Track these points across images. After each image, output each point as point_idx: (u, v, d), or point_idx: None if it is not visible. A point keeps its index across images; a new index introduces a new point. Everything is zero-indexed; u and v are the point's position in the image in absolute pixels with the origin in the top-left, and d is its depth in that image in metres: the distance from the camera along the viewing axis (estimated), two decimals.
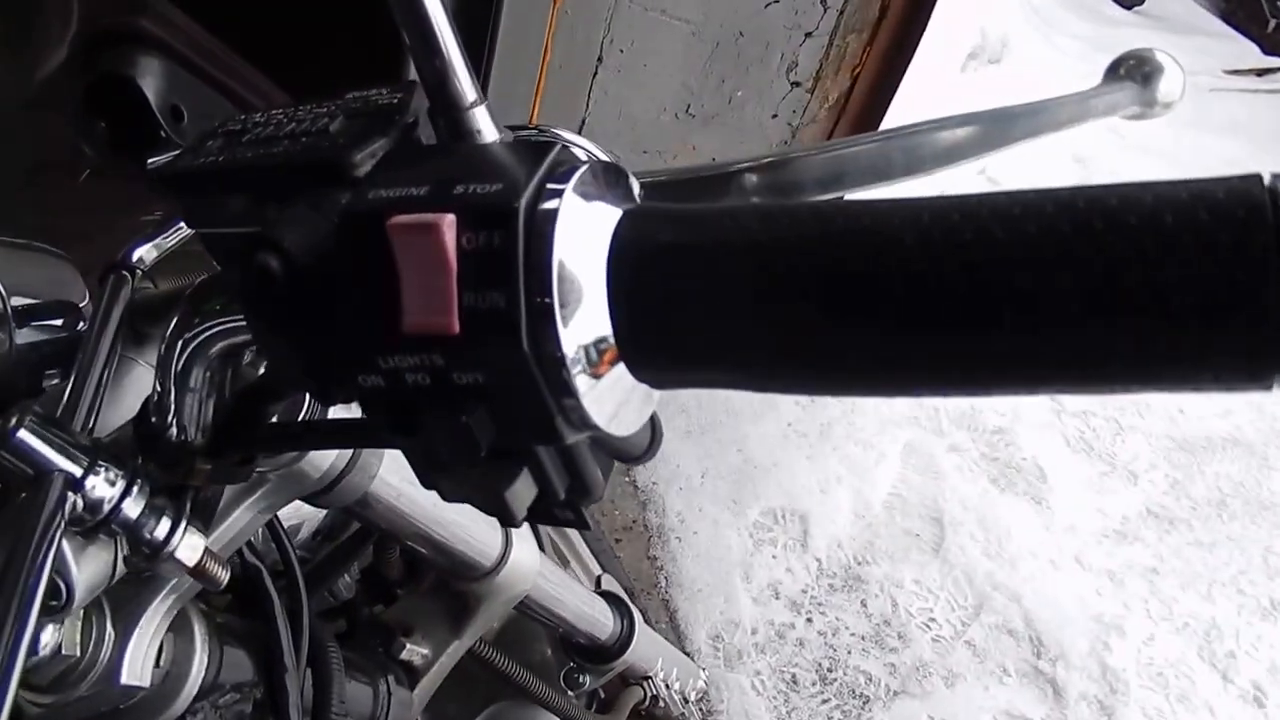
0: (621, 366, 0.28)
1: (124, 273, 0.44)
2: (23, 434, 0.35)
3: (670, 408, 2.33)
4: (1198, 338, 0.22)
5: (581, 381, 0.27)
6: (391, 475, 0.56)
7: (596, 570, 1.40)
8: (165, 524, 0.39)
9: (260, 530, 0.60)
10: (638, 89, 2.10)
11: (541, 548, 0.88)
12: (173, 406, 0.38)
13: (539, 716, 1.02)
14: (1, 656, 0.31)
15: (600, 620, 0.97)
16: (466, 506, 0.64)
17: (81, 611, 0.45)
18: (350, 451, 0.50)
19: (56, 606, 0.39)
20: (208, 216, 0.35)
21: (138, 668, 0.46)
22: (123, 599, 0.46)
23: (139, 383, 0.46)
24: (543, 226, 0.27)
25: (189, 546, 0.40)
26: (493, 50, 1.85)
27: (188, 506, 0.40)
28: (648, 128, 2.21)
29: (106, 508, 0.37)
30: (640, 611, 1.17)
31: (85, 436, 0.38)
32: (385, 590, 0.76)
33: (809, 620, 2.05)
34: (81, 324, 0.50)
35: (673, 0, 1.98)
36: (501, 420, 0.28)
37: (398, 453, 0.55)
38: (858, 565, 2.19)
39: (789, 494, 2.23)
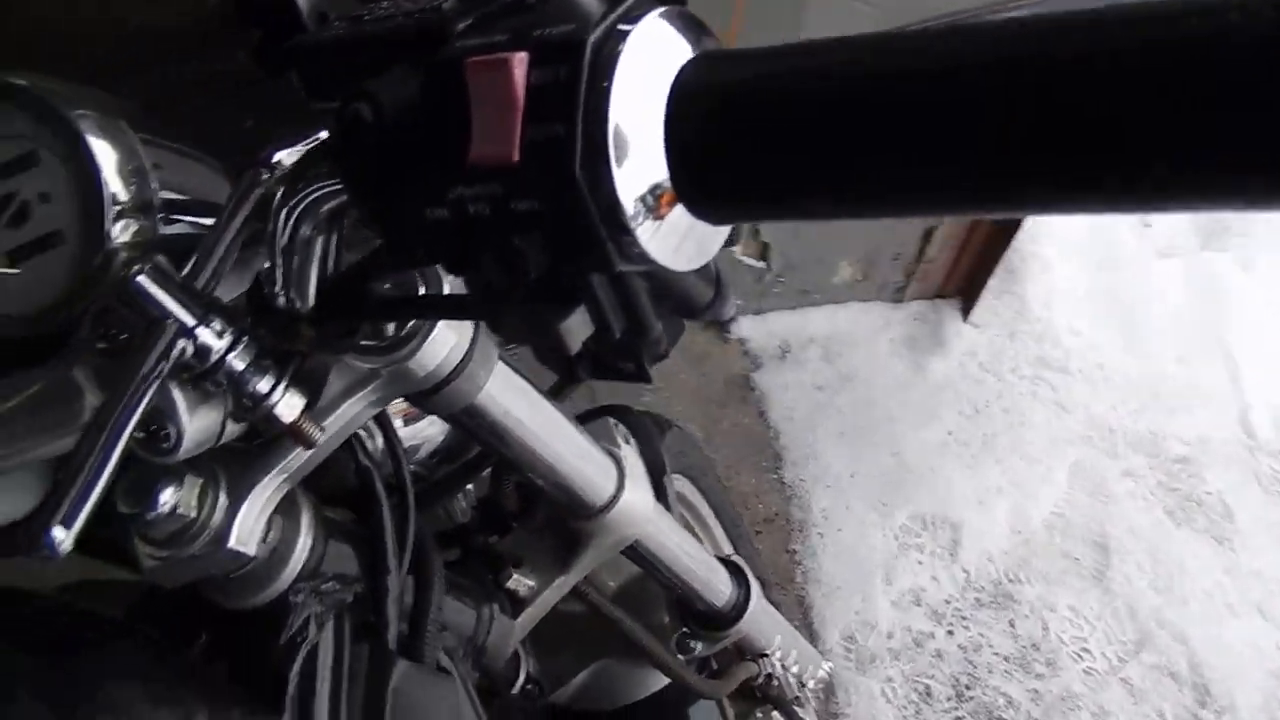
0: (679, 206, 0.29)
1: (259, 170, 0.46)
2: (142, 279, 0.38)
3: (826, 409, 2.29)
4: None
5: (631, 206, 0.27)
6: (500, 393, 0.57)
7: (729, 551, 1.39)
8: (268, 381, 0.41)
9: (377, 442, 0.63)
10: None
11: (668, 508, 0.88)
12: (282, 274, 0.40)
13: (648, 674, 1.02)
14: (87, 474, 0.34)
15: (717, 586, 0.96)
16: (578, 440, 0.64)
17: (200, 481, 0.48)
18: (459, 359, 0.51)
19: (167, 448, 0.41)
20: (324, 89, 0.37)
21: (245, 535, 0.49)
22: (237, 472, 0.49)
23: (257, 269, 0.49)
24: (607, 62, 0.27)
25: (288, 405, 0.42)
26: None
27: (291, 370, 0.42)
28: None
29: (213, 358, 0.39)
30: (761, 583, 1.15)
31: (202, 295, 0.41)
32: (500, 522, 0.78)
33: (950, 632, 1.97)
34: None
35: None
36: (555, 247, 0.28)
37: (507, 372, 0.57)
38: (1009, 583, 2.09)
39: (942, 501, 2.14)
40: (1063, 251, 2.62)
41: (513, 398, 0.58)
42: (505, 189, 0.28)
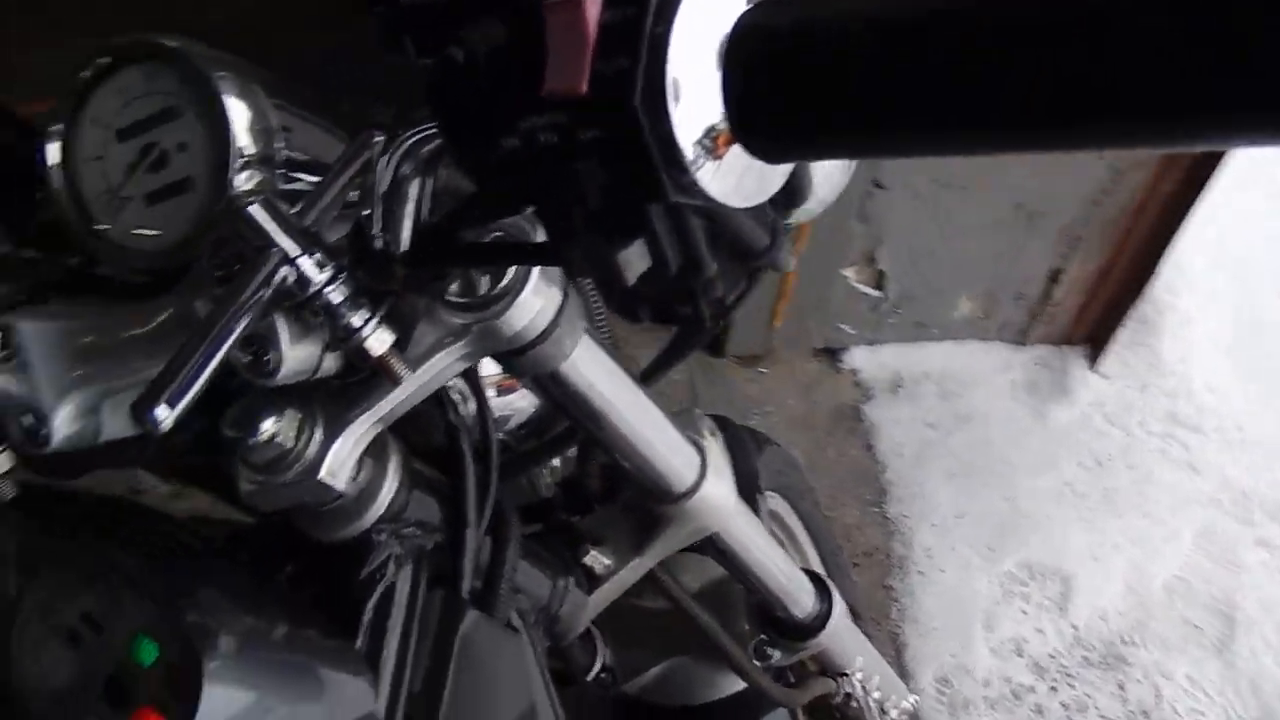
0: (735, 146, 0.30)
1: (372, 131, 0.49)
2: (254, 209, 0.41)
3: (937, 447, 2.24)
4: None
5: (685, 137, 0.29)
6: (584, 364, 0.59)
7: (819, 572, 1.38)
8: (362, 316, 0.44)
9: (469, 408, 0.66)
10: None
11: (758, 516, 0.89)
12: (381, 217, 0.44)
13: (723, 675, 1.03)
14: (191, 368, 0.38)
15: (799, 596, 0.96)
16: (663, 424, 0.65)
17: (299, 415, 0.52)
18: (545, 324, 0.54)
19: (268, 372, 0.45)
20: (430, 47, 0.40)
21: (336, 469, 0.52)
22: (333, 410, 0.53)
23: None
24: (670, 3, 0.29)
25: (378, 339, 0.45)
26: None
27: (384, 309, 0.45)
28: None
29: (312, 288, 0.43)
30: (853, 613, 1.14)
31: (307, 231, 0.44)
32: (583, 502, 0.80)
33: (1053, 689, 1.89)
34: None
35: None
36: (614, 174, 0.30)
37: (594, 347, 0.59)
38: (1122, 644, 1.99)
39: (1054, 552, 2.07)
40: (1202, 305, 2.50)
41: (597, 371, 0.60)
42: (572, 119, 0.30)
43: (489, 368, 0.72)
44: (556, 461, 0.83)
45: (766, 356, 2.39)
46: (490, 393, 0.72)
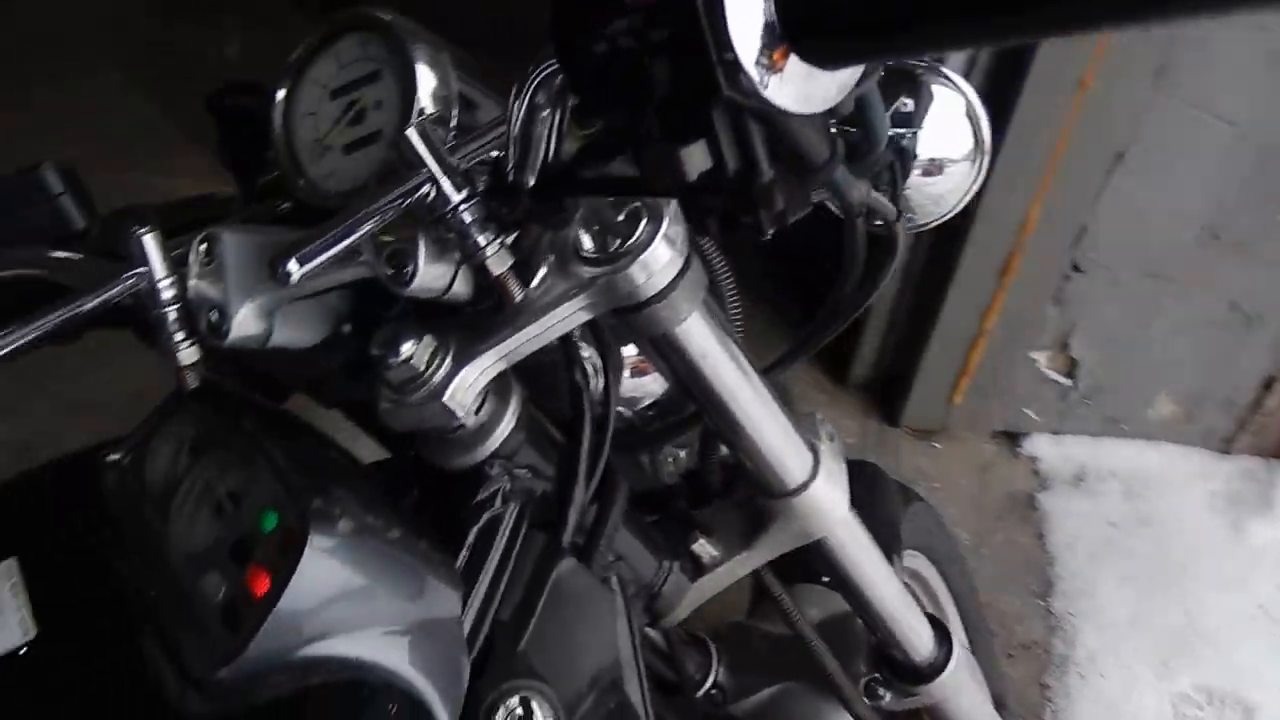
0: (794, 58, 0.34)
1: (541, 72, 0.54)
2: (412, 131, 0.48)
3: (1115, 548, 2.11)
4: None
5: (740, 37, 0.33)
6: (699, 333, 0.63)
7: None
8: (487, 237, 0.50)
9: (597, 385, 0.70)
10: (1157, 196, 1.96)
11: (890, 560, 0.89)
12: (515, 151, 0.50)
13: (831, 708, 1.02)
14: (327, 240, 0.44)
15: (916, 636, 0.94)
16: (776, 414, 0.68)
17: (435, 343, 0.59)
18: (664, 284, 0.58)
19: (404, 280, 0.52)
20: None
21: (459, 398, 0.58)
22: (464, 343, 0.59)
23: None
24: None
25: (499, 259, 0.51)
26: (1004, 132, 1.86)
27: (509, 236, 0.51)
28: (1161, 245, 2.05)
29: (449, 206, 0.49)
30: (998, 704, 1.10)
31: (452, 158, 0.51)
32: (703, 495, 0.83)
33: None
34: None
35: (1221, 96, 1.82)
36: (678, 70, 0.34)
37: (711, 322, 0.63)
38: None
39: (1236, 677, 1.89)
40: None
41: (711, 345, 0.64)
42: (646, 21, 0.35)
43: (626, 350, 0.78)
44: (682, 454, 0.86)
45: (942, 432, 2.34)
46: (625, 373, 0.77)
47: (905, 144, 0.65)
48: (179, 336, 0.58)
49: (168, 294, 0.57)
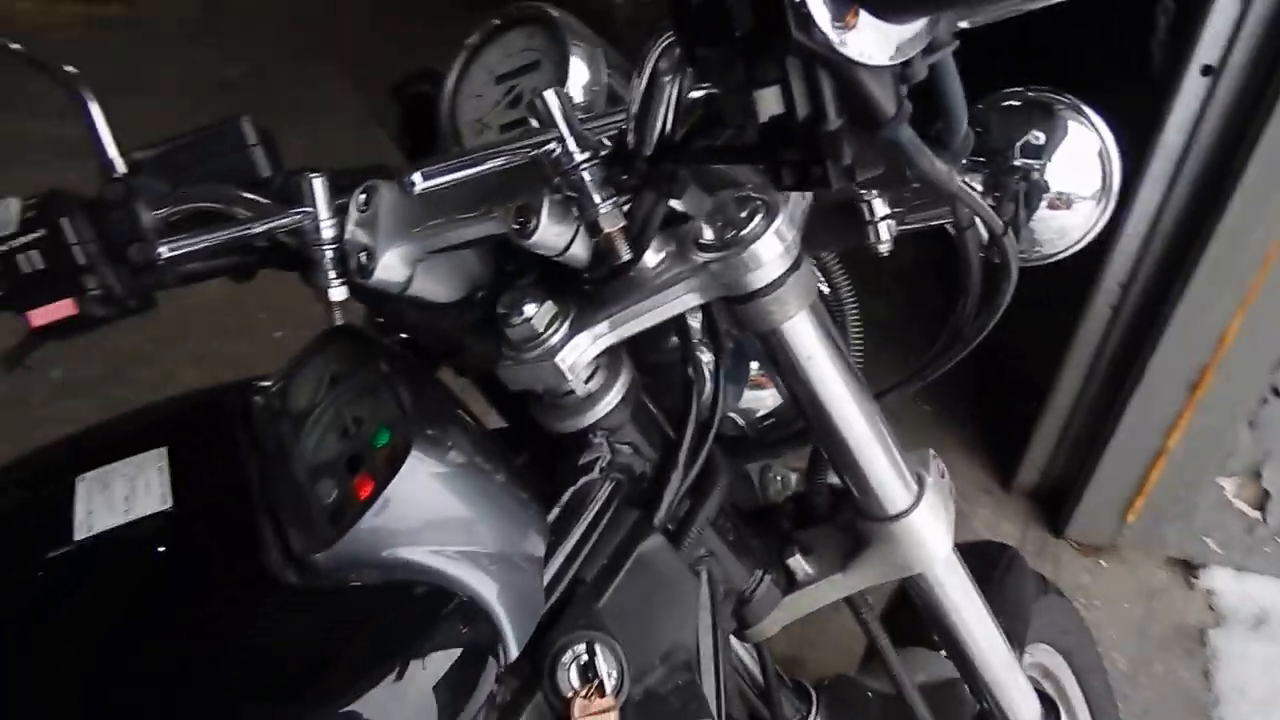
0: (864, 14, 0.37)
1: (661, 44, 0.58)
2: (549, 93, 0.54)
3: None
4: None
5: None
6: (806, 334, 0.64)
7: None
8: (603, 196, 0.55)
9: (705, 388, 0.72)
10: None
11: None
12: (635, 120, 0.54)
13: None
14: (450, 165, 0.50)
15: (1020, 703, 0.90)
16: (884, 436, 0.68)
17: (556, 309, 0.63)
18: (773, 277, 0.60)
19: (526, 233, 0.56)
20: None
21: (571, 361, 0.62)
22: (582, 312, 0.63)
23: None
24: None
25: (610, 217, 0.55)
26: (1213, 231, 1.77)
27: (624, 198, 0.55)
28: None
29: (571, 163, 0.54)
30: None
31: (578, 123, 0.55)
32: (808, 519, 0.83)
33: None
34: None
35: None
36: (757, 20, 0.38)
37: (820, 327, 0.64)
38: None
39: None
40: None
41: (818, 350, 0.65)
42: None
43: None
44: (793, 478, 0.87)
45: (1110, 550, 2.20)
46: (744, 386, 0.80)
47: (1034, 176, 0.66)
48: (332, 274, 0.65)
49: (327, 234, 0.64)
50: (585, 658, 0.59)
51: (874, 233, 0.65)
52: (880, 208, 0.65)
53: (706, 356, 0.72)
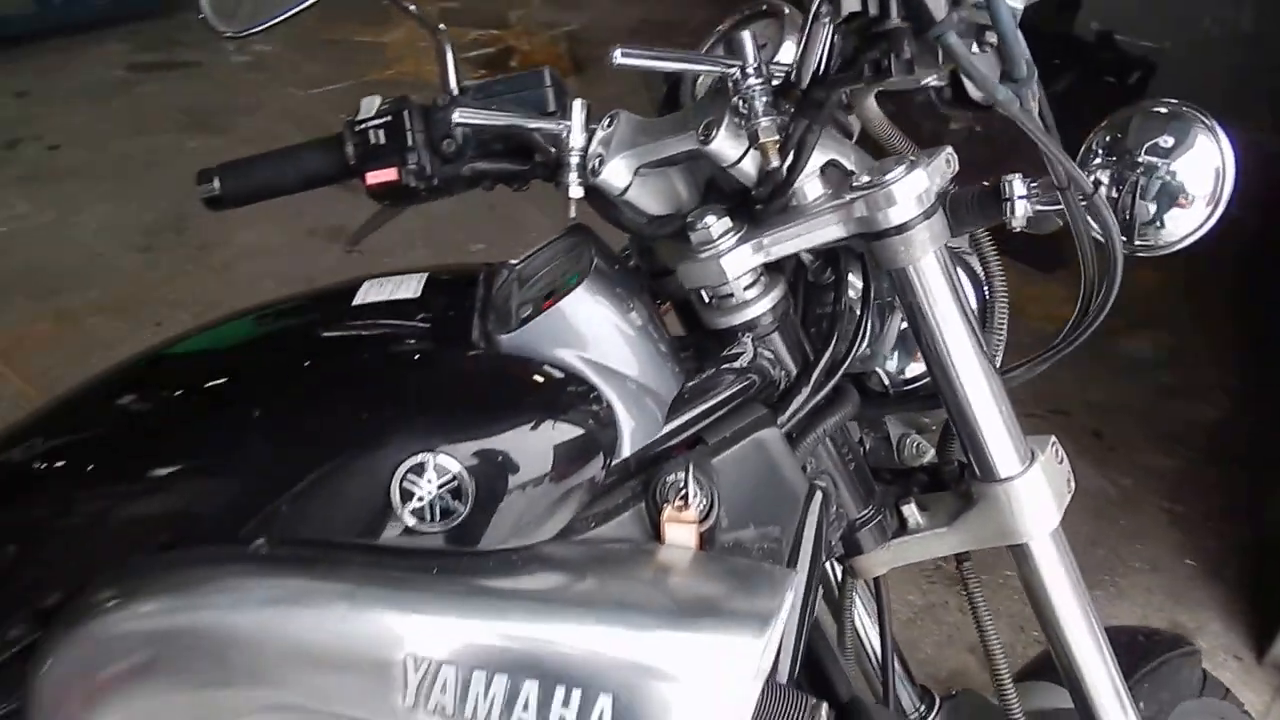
0: None
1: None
2: (745, 33, 0.71)
3: None
4: None
5: None
6: (933, 278, 0.76)
7: None
8: (765, 113, 0.71)
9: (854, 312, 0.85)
10: None
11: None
12: (798, 58, 0.70)
13: None
14: (645, 58, 0.68)
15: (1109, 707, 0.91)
16: (1002, 399, 0.78)
17: (732, 223, 0.79)
18: (906, 219, 0.73)
19: (705, 140, 0.73)
20: None
21: (734, 264, 0.78)
22: (750, 229, 0.78)
23: None
24: None
25: (767, 131, 0.71)
26: None
27: (783, 118, 0.71)
28: None
29: (745, 85, 0.71)
30: None
31: (761, 60, 0.72)
32: (936, 486, 0.92)
33: None
34: None
35: None
36: None
37: (945, 268, 0.76)
38: None
39: None
40: None
41: (944, 297, 0.76)
42: None
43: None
44: (930, 452, 0.95)
45: None
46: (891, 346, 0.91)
47: (1158, 174, 0.74)
48: (574, 176, 0.85)
49: (577, 142, 0.84)
50: (683, 483, 0.73)
51: (1010, 208, 0.76)
52: (1019, 187, 0.76)
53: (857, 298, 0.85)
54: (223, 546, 0.67)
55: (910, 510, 0.88)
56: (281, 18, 0.84)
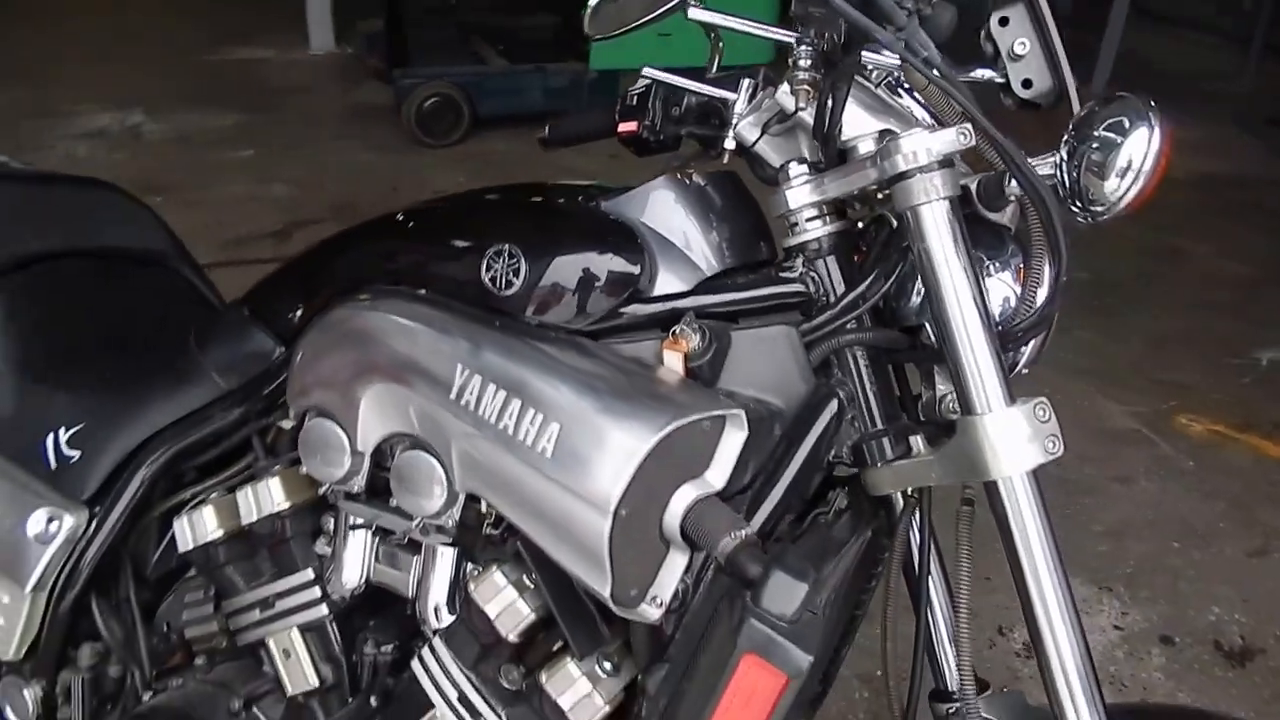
0: None
1: None
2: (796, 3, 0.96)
3: None
4: None
5: None
6: (937, 221, 0.92)
7: None
8: (806, 65, 0.95)
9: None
10: None
11: None
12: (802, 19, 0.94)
13: None
14: (718, 24, 0.96)
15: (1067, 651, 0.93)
16: (986, 340, 0.93)
17: (807, 170, 1.03)
18: (916, 165, 0.90)
19: (742, 102, 0.99)
20: None
21: (790, 194, 1.02)
22: (815, 176, 1.02)
23: None
24: None
25: (800, 79, 0.95)
26: None
27: (818, 76, 0.95)
28: None
29: (795, 50, 0.96)
30: None
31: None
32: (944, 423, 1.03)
33: None
34: None
35: None
36: None
37: (949, 219, 0.92)
38: None
39: None
40: None
41: (946, 241, 0.91)
42: None
43: None
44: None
45: None
46: None
47: (1104, 149, 0.88)
48: (730, 134, 1.12)
49: (741, 106, 1.11)
50: (689, 329, 0.97)
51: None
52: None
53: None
54: (400, 289, 1.10)
55: (916, 440, 1.01)
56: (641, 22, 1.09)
